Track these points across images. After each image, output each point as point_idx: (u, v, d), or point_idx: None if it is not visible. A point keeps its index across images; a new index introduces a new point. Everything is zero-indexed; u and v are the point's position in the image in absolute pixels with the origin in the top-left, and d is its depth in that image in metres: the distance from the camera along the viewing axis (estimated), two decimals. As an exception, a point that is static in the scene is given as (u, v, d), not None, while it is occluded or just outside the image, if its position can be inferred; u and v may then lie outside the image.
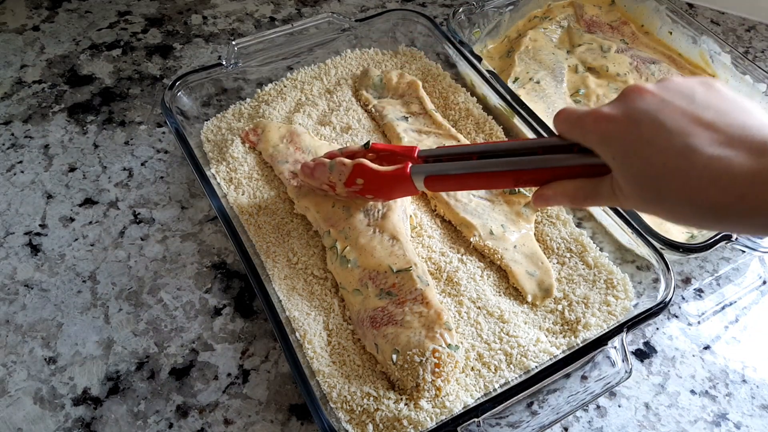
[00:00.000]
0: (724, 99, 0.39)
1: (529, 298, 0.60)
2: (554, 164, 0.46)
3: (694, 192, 0.36)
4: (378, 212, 0.63)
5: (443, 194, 0.66)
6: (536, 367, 0.54)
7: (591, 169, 0.44)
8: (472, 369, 0.55)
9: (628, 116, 0.40)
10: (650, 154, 0.38)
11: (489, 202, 0.66)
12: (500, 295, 0.60)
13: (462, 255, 0.63)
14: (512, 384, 0.52)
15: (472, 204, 0.65)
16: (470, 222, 0.63)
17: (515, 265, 0.61)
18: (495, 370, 0.54)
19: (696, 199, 0.36)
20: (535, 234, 0.65)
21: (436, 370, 0.51)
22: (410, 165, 0.55)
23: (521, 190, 0.66)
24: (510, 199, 0.66)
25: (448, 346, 0.53)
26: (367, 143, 0.61)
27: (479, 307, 0.58)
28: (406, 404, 0.52)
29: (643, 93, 0.40)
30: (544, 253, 0.63)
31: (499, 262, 0.62)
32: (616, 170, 0.41)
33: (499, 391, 0.52)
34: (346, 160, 0.58)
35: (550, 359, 0.54)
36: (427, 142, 0.71)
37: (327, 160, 0.60)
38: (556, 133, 0.46)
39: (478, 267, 0.62)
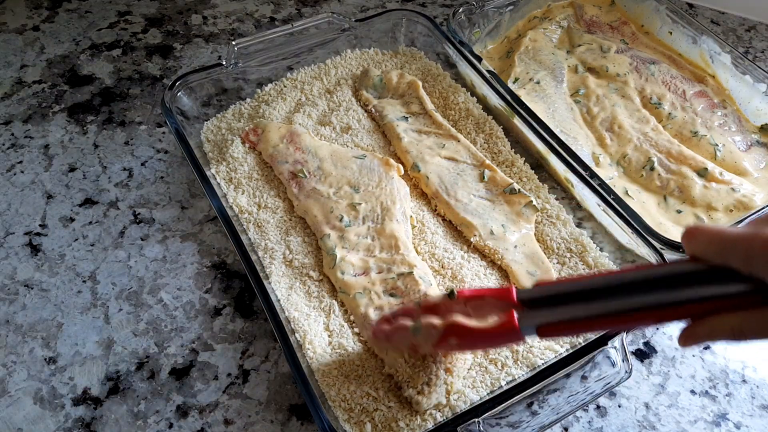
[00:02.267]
0: None
1: None
2: (709, 296, 0.39)
3: None
4: (377, 216, 0.63)
5: (443, 194, 0.66)
6: (543, 363, 0.54)
7: (755, 297, 0.37)
8: (479, 366, 0.55)
9: None
10: None
11: (490, 202, 0.66)
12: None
13: (465, 252, 0.63)
14: (519, 380, 0.52)
15: (473, 204, 0.65)
16: (470, 222, 0.63)
17: (516, 264, 0.61)
18: (502, 366, 0.54)
19: None
20: (535, 234, 0.65)
21: (449, 366, 0.52)
22: (516, 316, 0.45)
23: (521, 190, 0.66)
24: (510, 199, 0.66)
25: None
26: (452, 292, 0.50)
27: None
28: (407, 404, 0.52)
29: None
30: (545, 253, 0.63)
31: (499, 262, 0.62)
32: None
33: (506, 387, 0.52)
34: (436, 322, 0.48)
35: (555, 356, 0.54)
36: (428, 142, 0.71)
37: (408, 323, 0.49)
38: (688, 254, 0.40)
39: (481, 265, 0.62)
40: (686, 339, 0.41)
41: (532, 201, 0.65)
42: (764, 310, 0.37)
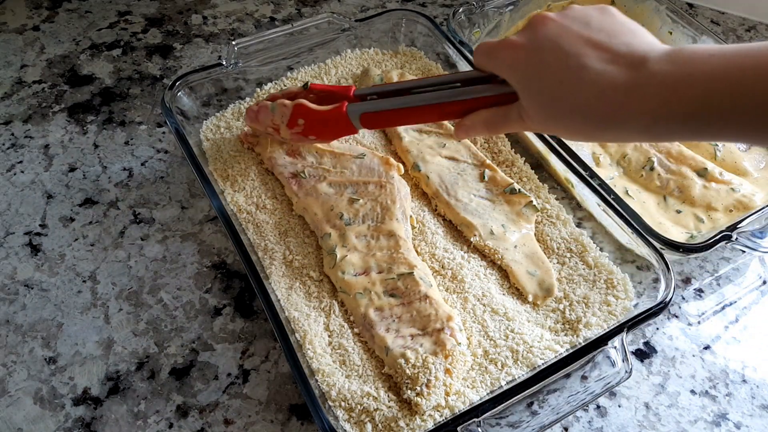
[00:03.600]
0: (616, 22, 0.44)
1: (530, 298, 0.60)
2: (472, 95, 0.50)
3: (584, 105, 0.41)
4: (377, 215, 0.63)
5: (444, 194, 0.66)
6: (543, 363, 0.54)
7: (504, 97, 0.48)
8: (479, 366, 0.55)
9: (532, 43, 0.44)
10: (549, 75, 0.43)
11: (490, 202, 0.66)
12: (504, 294, 0.60)
13: (465, 252, 0.63)
14: (519, 380, 0.52)
15: (473, 204, 0.65)
16: (471, 222, 0.63)
17: (516, 265, 0.61)
18: (502, 366, 0.54)
19: (586, 111, 0.41)
20: (535, 234, 0.65)
21: (448, 367, 0.52)
22: (347, 104, 0.57)
23: (521, 190, 0.66)
24: (511, 199, 0.66)
25: (459, 344, 0.53)
26: (306, 84, 0.63)
27: (485, 305, 0.59)
28: (407, 404, 0.52)
29: (546, 21, 0.44)
30: (545, 253, 0.63)
31: (499, 262, 0.62)
32: (521, 94, 0.45)
33: (506, 387, 0.52)
34: (287, 102, 0.61)
35: (555, 356, 0.54)
36: (428, 141, 0.71)
37: (269, 103, 0.63)
38: (474, 65, 0.51)
39: (481, 265, 0.62)
40: (457, 130, 0.53)
41: (532, 201, 0.65)
42: (507, 107, 0.48)
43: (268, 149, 0.70)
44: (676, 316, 0.64)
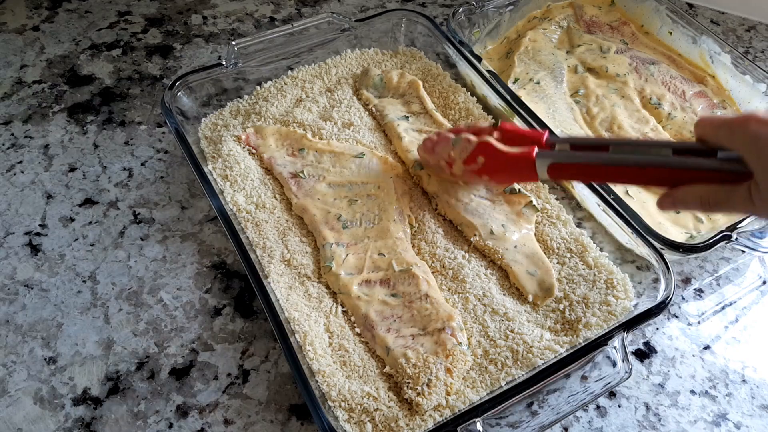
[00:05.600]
0: None
1: (530, 298, 0.60)
2: (694, 166, 0.46)
3: None
4: (375, 216, 0.63)
5: (444, 194, 0.66)
6: (543, 363, 0.54)
7: (730, 175, 0.44)
8: (479, 366, 0.55)
9: None
10: None
11: (490, 202, 0.66)
12: (504, 294, 0.60)
13: (465, 252, 0.63)
14: (518, 381, 0.52)
15: (473, 204, 0.65)
16: (471, 221, 0.63)
17: (516, 265, 0.61)
18: (501, 366, 0.54)
19: None
20: (535, 234, 0.65)
21: (449, 366, 0.52)
22: (536, 149, 0.53)
23: (522, 189, 0.66)
24: (510, 199, 0.66)
25: (460, 344, 0.53)
26: (496, 122, 0.60)
27: (485, 305, 0.59)
28: (407, 404, 0.52)
29: None
30: (545, 252, 0.63)
31: (499, 262, 0.62)
32: (761, 174, 0.41)
33: (506, 387, 0.52)
34: (472, 137, 0.58)
35: (555, 357, 0.54)
36: None
37: (451, 135, 0.60)
38: (696, 137, 0.47)
39: (481, 265, 0.62)
40: (663, 200, 0.48)
41: (532, 201, 0.65)
42: (732, 186, 0.44)
43: (268, 152, 0.70)
44: (676, 316, 0.64)
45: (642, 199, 0.69)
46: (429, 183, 0.67)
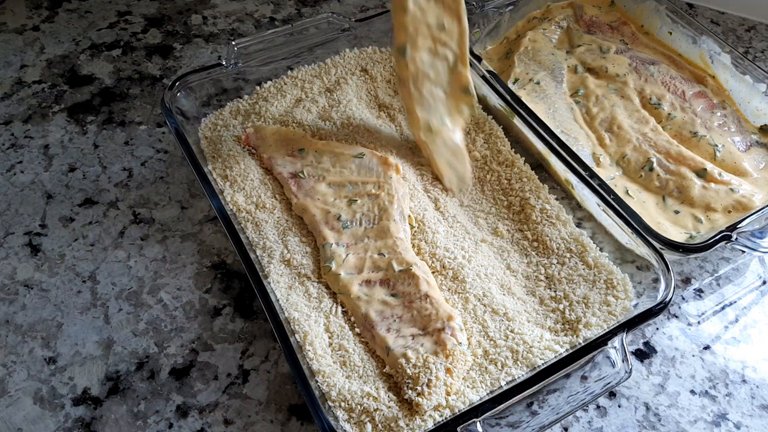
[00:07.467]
0: None
1: (446, 184, 0.68)
2: None
3: None
4: (374, 216, 0.63)
5: (411, 85, 0.66)
6: (543, 364, 0.54)
7: None
8: (479, 366, 0.55)
9: None
10: None
11: (444, 95, 0.69)
12: (504, 294, 0.60)
13: (466, 252, 0.63)
14: (519, 381, 0.52)
15: (430, 98, 0.68)
16: (417, 114, 0.67)
17: (439, 156, 0.68)
18: (501, 366, 0.54)
19: None
20: (535, 234, 0.65)
21: (449, 366, 0.52)
22: None
23: (474, 94, 0.69)
24: (460, 96, 0.69)
25: (460, 344, 0.53)
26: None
27: (485, 305, 0.59)
28: (407, 404, 0.52)
29: None
30: (545, 253, 0.63)
31: (426, 153, 0.69)
32: None
33: (506, 388, 0.52)
34: None
35: (555, 357, 0.54)
36: (428, 42, 0.70)
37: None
38: None
39: (482, 265, 0.62)
40: None
41: (472, 95, 0.69)
42: None
43: (267, 152, 0.70)
44: (676, 316, 0.64)
45: (642, 199, 0.70)
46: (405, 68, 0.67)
